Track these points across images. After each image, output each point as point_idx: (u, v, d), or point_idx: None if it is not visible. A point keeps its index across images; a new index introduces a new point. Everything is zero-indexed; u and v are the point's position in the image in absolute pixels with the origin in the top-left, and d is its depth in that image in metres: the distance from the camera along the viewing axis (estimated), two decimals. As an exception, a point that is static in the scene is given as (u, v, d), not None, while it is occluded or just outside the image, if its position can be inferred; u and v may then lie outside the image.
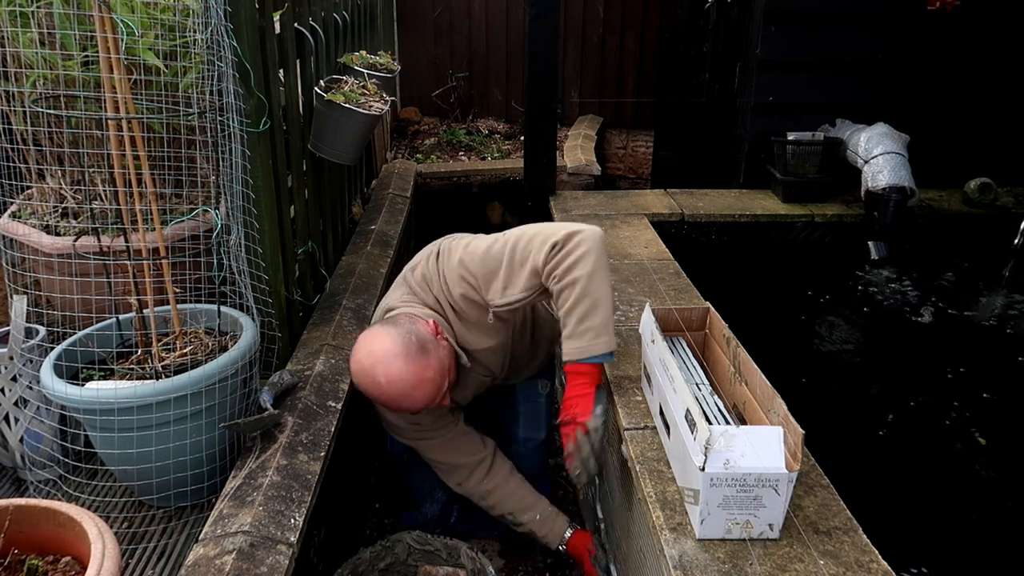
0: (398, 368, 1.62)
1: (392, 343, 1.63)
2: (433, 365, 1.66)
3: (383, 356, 1.63)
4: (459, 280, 1.79)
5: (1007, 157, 3.47)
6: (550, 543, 2.00)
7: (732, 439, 1.21)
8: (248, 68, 1.75)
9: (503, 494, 2.01)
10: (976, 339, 2.69)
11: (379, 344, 1.65)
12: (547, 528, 2.00)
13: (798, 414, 1.25)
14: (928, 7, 3.25)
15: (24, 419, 1.77)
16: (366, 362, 1.65)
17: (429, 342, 1.68)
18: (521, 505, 2.01)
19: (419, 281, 1.87)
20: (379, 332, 1.68)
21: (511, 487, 2.02)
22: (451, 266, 1.81)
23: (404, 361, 1.62)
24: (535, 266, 1.67)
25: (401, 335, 1.65)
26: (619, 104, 5.47)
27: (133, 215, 1.67)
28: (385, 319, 1.79)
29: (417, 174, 4.28)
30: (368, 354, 1.65)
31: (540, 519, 2.00)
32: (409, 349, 1.63)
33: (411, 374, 1.63)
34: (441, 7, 5.35)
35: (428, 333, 1.70)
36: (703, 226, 3.26)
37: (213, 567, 1.32)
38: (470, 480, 1.99)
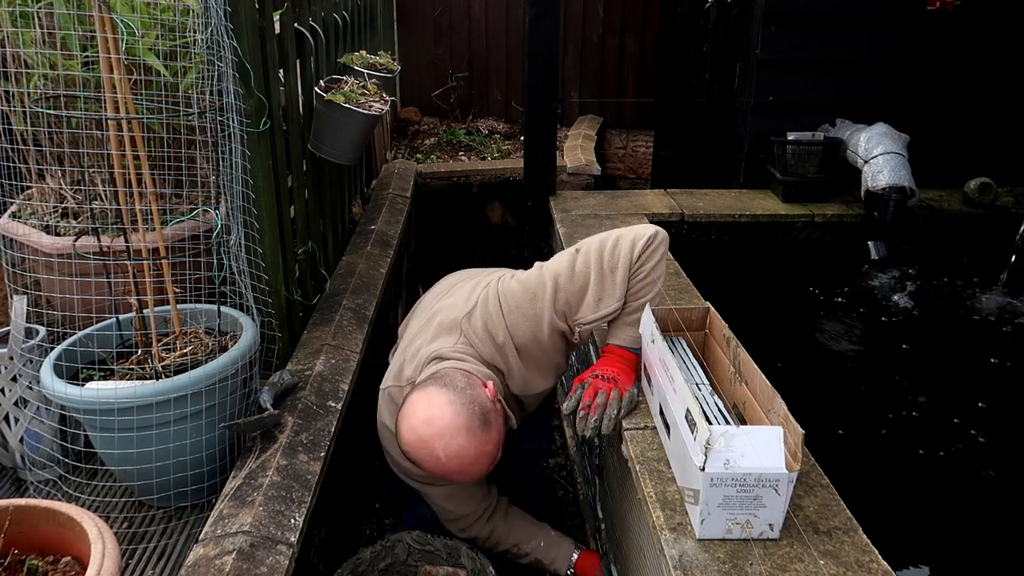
0: (460, 444, 1.49)
1: (455, 414, 1.49)
2: (494, 438, 1.54)
3: (445, 429, 1.49)
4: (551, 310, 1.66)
5: (1007, 157, 3.47)
6: (559, 568, 1.95)
7: (732, 439, 1.21)
8: (248, 68, 1.75)
9: (503, 530, 1.97)
10: (976, 339, 2.69)
11: (439, 412, 1.50)
12: (553, 553, 1.96)
13: (798, 414, 1.25)
14: (928, 7, 3.25)
15: (24, 419, 1.77)
16: (423, 432, 1.50)
17: (491, 412, 1.55)
18: (524, 535, 1.97)
19: (479, 331, 1.70)
20: (438, 397, 1.52)
21: (511, 521, 1.98)
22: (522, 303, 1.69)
23: (467, 436, 1.49)
24: (628, 264, 1.64)
25: (465, 404, 1.51)
26: (619, 104, 5.47)
27: (133, 215, 1.67)
28: (437, 375, 1.61)
29: (417, 174, 4.28)
30: (426, 423, 1.50)
31: (545, 545, 1.95)
32: (472, 422, 1.50)
33: (474, 449, 1.50)
34: (441, 7, 5.35)
35: (488, 400, 1.57)
36: (703, 226, 3.26)
37: (213, 567, 1.32)
38: (474, 527, 1.95)
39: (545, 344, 1.71)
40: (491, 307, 1.71)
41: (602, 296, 1.66)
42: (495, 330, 1.70)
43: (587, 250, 1.69)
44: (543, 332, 1.69)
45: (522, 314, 1.69)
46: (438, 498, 1.92)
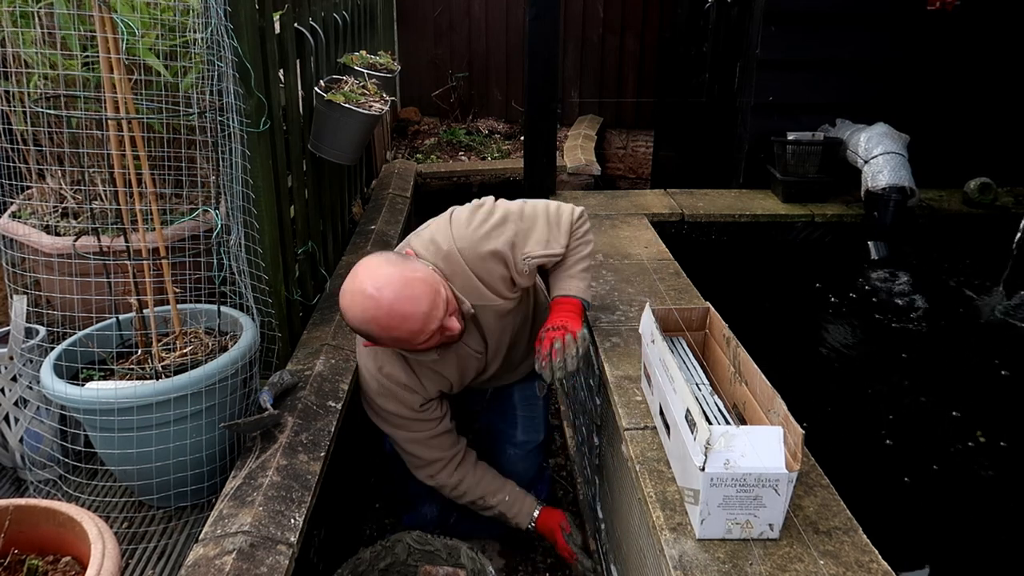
0: (386, 272, 1.57)
1: (378, 256, 1.64)
2: (419, 269, 1.61)
3: (369, 268, 1.59)
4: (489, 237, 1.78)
5: (1007, 157, 3.47)
6: (520, 523, 2.02)
7: (732, 439, 1.21)
8: (248, 68, 1.75)
9: (471, 482, 2.02)
10: (976, 339, 2.69)
11: (366, 261, 1.63)
12: (516, 508, 2.02)
13: (798, 414, 1.25)
14: (928, 7, 3.25)
15: (24, 419, 1.77)
16: (356, 278, 1.59)
17: (416, 259, 1.68)
18: (490, 489, 2.03)
19: (425, 243, 1.80)
20: (371, 256, 1.66)
21: (478, 474, 2.04)
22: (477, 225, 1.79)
23: (391, 267, 1.59)
24: (570, 222, 1.88)
25: (378, 255, 1.65)
26: (619, 104, 5.47)
27: (133, 215, 1.67)
28: None
29: (417, 174, 4.28)
30: (354, 274, 1.61)
31: (509, 499, 2.02)
32: (390, 258, 1.63)
33: (398, 275, 1.57)
34: (441, 7, 5.35)
35: (407, 253, 1.72)
36: (703, 226, 3.26)
37: (213, 567, 1.32)
38: (442, 473, 2.00)
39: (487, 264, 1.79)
40: (440, 223, 1.84)
41: (550, 239, 1.84)
42: (440, 240, 1.79)
43: (534, 204, 1.91)
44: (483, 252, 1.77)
45: (465, 233, 1.79)
46: (410, 445, 1.96)
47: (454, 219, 1.83)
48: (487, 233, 1.78)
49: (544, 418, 2.28)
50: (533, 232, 1.84)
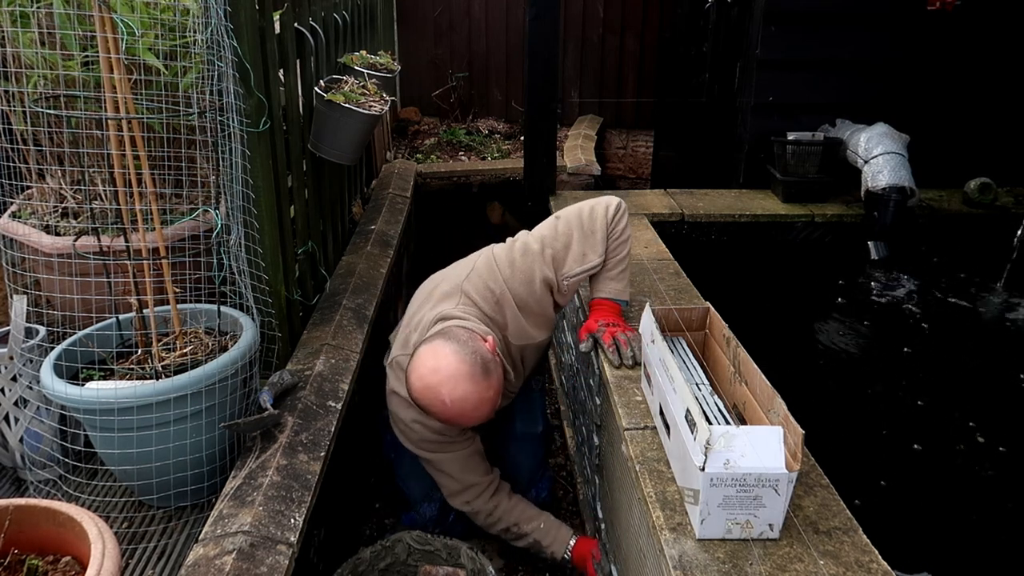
0: (464, 389, 1.62)
1: (459, 363, 1.62)
2: (494, 385, 1.67)
3: (450, 376, 1.62)
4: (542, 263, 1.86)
5: (1007, 157, 3.47)
6: (556, 552, 1.99)
7: (732, 439, 1.21)
8: (248, 68, 1.75)
9: (506, 507, 2.01)
10: (976, 339, 2.69)
11: (445, 362, 1.63)
12: (552, 536, 2.00)
13: (798, 414, 1.25)
14: (928, 7, 3.25)
15: (24, 419, 1.77)
16: (431, 379, 1.63)
17: (491, 362, 1.68)
18: (525, 516, 2.02)
19: (479, 288, 1.86)
20: (443, 348, 1.65)
21: (513, 502, 2.04)
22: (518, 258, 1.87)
23: (470, 382, 1.62)
24: (605, 225, 1.89)
25: (468, 355, 1.64)
26: (619, 104, 5.47)
27: (133, 215, 1.67)
28: (442, 331, 1.74)
29: (417, 174, 4.28)
30: (433, 371, 1.63)
31: (544, 527, 2.01)
32: (475, 370, 1.63)
33: (476, 395, 1.63)
34: (441, 7, 5.35)
35: (488, 351, 1.70)
36: (703, 226, 3.26)
37: (213, 567, 1.32)
38: (478, 499, 1.99)
39: (537, 294, 1.88)
40: (487, 267, 1.90)
41: (586, 251, 1.89)
42: (493, 285, 1.86)
43: (567, 216, 1.93)
44: (535, 282, 1.86)
45: (515, 268, 1.87)
46: (444, 466, 1.98)
47: (498, 261, 1.90)
48: (532, 263, 1.86)
49: (541, 411, 2.29)
50: (569, 250, 1.88)
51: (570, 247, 1.88)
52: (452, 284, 1.91)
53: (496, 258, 1.91)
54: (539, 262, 1.87)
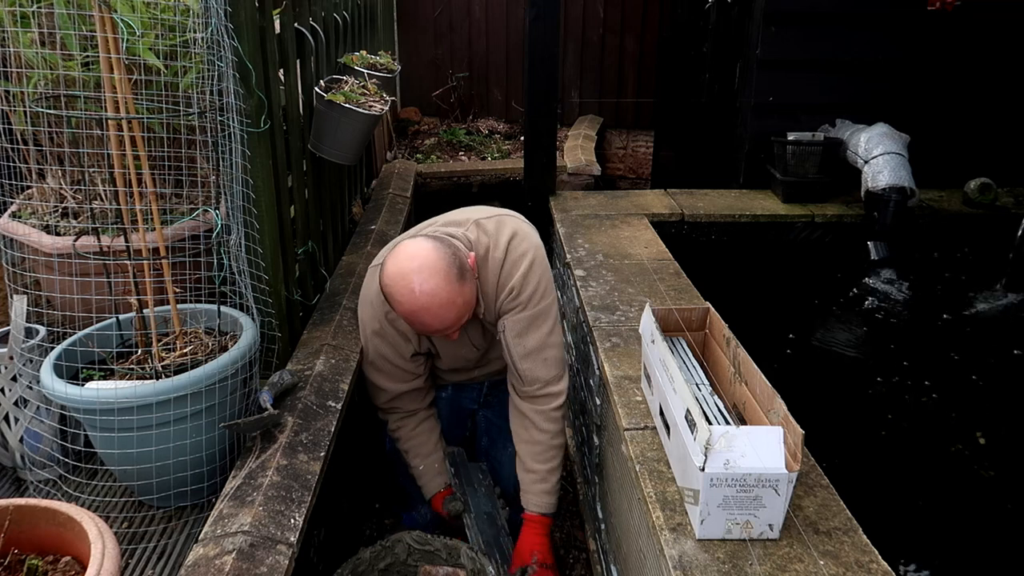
0: (435, 282, 1.64)
1: (438, 257, 1.65)
2: (465, 293, 1.69)
3: (424, 266, 1.64)
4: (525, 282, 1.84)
5: (1007, 157, 3.47)
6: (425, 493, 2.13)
7: (732, 439, 1.21)
8: (249, 68, 1.75)
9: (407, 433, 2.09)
10: (976, 339, 2.69)
11: (424, 253, 1.65)
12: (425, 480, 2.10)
13: (798, 414, 1.25)
14: (928, 7, 3.25)
15: (24, 419, 1.77)
16: (406, 265, 1.65)
17: (468, 272, 1.71)
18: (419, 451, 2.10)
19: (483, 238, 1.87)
20: (426, 243, 1.68)
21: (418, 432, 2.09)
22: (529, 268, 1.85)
23: (443, 278, 1.64)
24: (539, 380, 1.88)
25: (447, 254, 1.67)
26: (619, 104, 5.47)
27: (133, 215, 1.67)
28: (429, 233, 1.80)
29: (417, 174, 4.28)
30: (410, 258, 1.66)
31: (423, 468, 2.10)
32: (451, 270, 1.65)
33: (445, 292, 1.65)
34: (441, 7, 5.35)
35: (468, 262, 1.73)
36: (703, 226, 3.26)
37: (213, 567, 1.32)
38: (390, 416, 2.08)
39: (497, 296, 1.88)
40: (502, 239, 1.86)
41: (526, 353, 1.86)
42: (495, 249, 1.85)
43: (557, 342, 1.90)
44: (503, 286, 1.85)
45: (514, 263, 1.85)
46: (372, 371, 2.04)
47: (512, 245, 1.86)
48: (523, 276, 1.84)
49: None
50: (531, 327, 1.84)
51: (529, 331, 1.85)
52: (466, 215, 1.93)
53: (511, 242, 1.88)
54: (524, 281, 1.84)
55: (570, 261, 2.63)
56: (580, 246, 2.77)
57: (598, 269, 2.51)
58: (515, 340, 1.85)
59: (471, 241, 1.87)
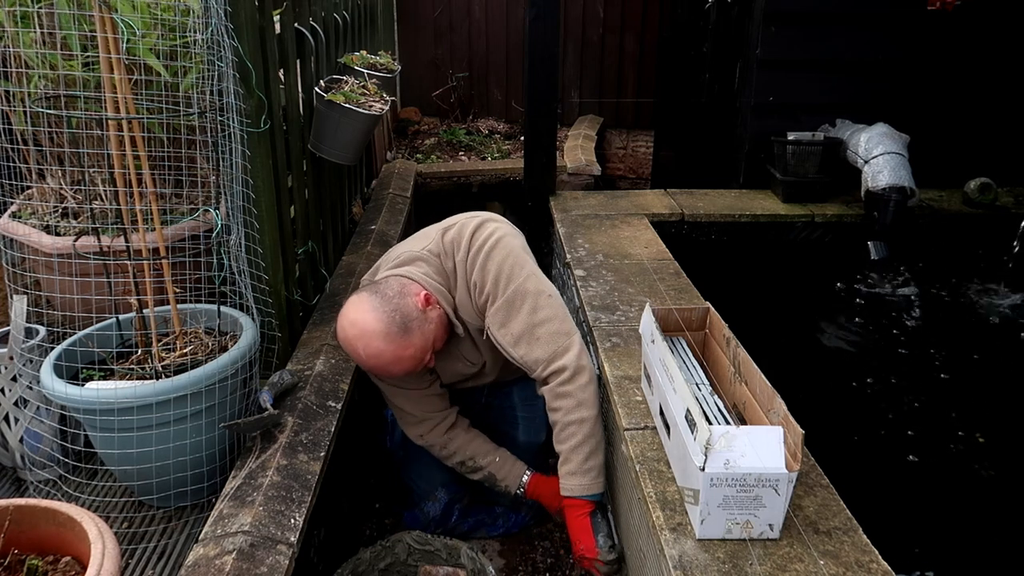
0: (377, 346, 1.71)
1: (375, 321, 1.70)
2: (415, 343, 1.73)
3: (363, 332, 1.71)
4: (484, 273, 1.81)
5: (1007, 157, 3.47)
6: (509, 486, 2.03)
7: (732, 439, 1.21)
8: (249, 68, 1.75)
9: (463, 441, 2.05)
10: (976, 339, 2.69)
11: (362, 319, 1.71)
12: (506, 471, 2.03)
13: (798, 414, 1.25)
14: (928, 7, 3.25)
15: (24, 419, 1.77)
16: (349, 332, 1.74)
17: (414, 320, 1.73)
18: (481, 451, 2.05)
19: (448, 244, 1.88)
20: (365, 305, 1.73)
21: (470, 436, 2.07)
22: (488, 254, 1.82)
23: (384, 340, 1.70)
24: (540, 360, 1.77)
25: (387, 312, 1.70)
26: (619, 104, 5.47)
27: (133, 215, 1.67)
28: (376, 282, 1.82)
29: (417, 174, 4.28)
30: (351, 324, 1.73)
31: (499, 461, 2.04)
32: (390, 329, 1.70)
33: (390, 352, 1.71)
34: (441, 7, 5.35)
35: (415, 308, 1.74)
36: (703, 226, 3.26)
37: (213, 567, 1.32)
38: (432, 433, 2.04)
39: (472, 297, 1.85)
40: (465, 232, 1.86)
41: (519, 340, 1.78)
42: (457, 249, 1.86)
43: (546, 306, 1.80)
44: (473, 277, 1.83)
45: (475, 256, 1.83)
46: (399, 400, 2.03)
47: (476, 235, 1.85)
48: (482, 267, 1.81)
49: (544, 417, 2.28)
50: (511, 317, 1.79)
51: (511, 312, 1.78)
52: (437, 227, 1.95)
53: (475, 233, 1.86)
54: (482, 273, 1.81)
55: (570, 261, 2.63)
56: (580, 246, 2.77)
57: (598, 269, 2.51)
58: (500, 332, 1.81)
59: (447, 270, 1.86)
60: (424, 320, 1.75)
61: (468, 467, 2.06)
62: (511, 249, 1.84)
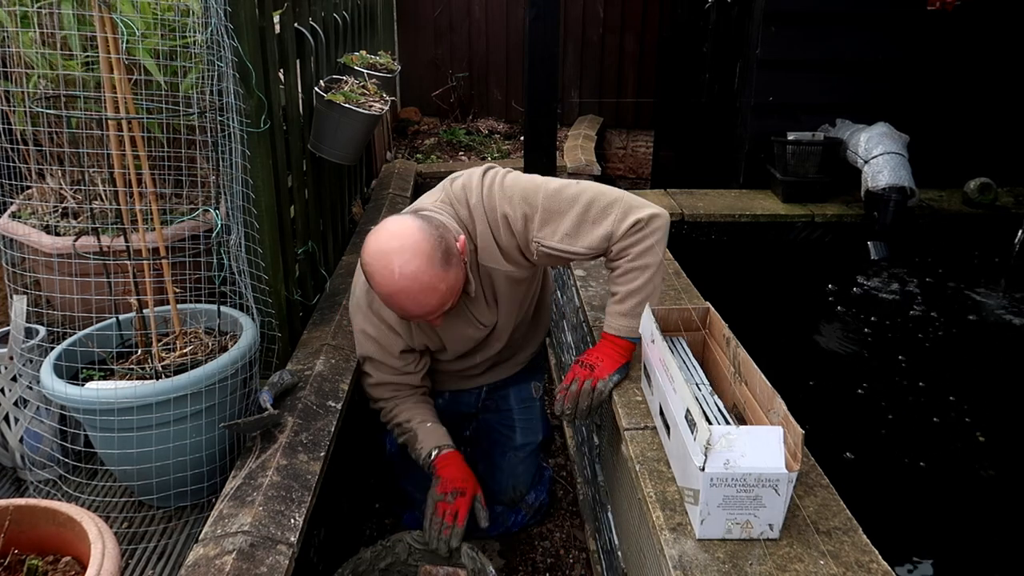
0: (417, 265, 1.53)
1: (422, 238, 1.54)
2: (449, 279, 1.57)
3: (406, 247, 1.53)
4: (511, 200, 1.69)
5: (1007, 157, 3.47)
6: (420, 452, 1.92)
7: (732, 439, 1.21)
8: (249, 68, 1.75)
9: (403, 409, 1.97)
10: (976, 339, 2.69)
11: (408, 234, 1.54)
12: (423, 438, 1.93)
13: (798, 414, 1.25)
14: (928, 7, 3.25)
15: (24, 419, 1.77)
16: (387, 244, 1.55)
17: (454, 256, 1.59)
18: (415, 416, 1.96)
19: (458, 191, 1.76)
20: (411, 222, 1.57)
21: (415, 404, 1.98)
22: (504, 184, 1.72)
23: (426, 260, 1.53)
24: (610, 232, 1.65)
25: (433, 236, 1.55)
26: (619, 104, 5.47)
27: (133, 215, 1.67)
28: (418, 211, 1.69)
29: (417, 174, 4.28)
30: (392, 236, 1.55)
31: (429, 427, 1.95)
32: (435, 253, 1.54)
33: (427, 276, 1.54)
34: (441, 7, 5.35)
35: (455, 245, 1.61)
36: (703, 226, 3.26)
37: (213, 567, 1.32)
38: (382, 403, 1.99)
39: (502, 230, 1.73)
40: (475, 177, 1.76)
41: (572, 234, 1.67)
42: (471, 193, 1.74)
43: (583, 189, 1.69)
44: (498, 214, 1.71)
45: (493, 192, 1.73)
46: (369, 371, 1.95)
47: (487, 179, 1.76)
48: (505, 197, 1.71)
49: (542, 418, 2.28)
50: (556, 220, 1.68)
51: (559, 217, 1.67)
52: (442, 183, 1.84)
53: (485, 174, 1.77)
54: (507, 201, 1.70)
55: (570, 261, 2.63)
56: (580, 246, 2.76)
57: (598, 269, 2.51)
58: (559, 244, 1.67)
59: (462, 219, 1.75)
60: (460, 260, 1.62)
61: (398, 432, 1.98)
62: (523, 176, 1.78)
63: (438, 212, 1.73)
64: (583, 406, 1.70)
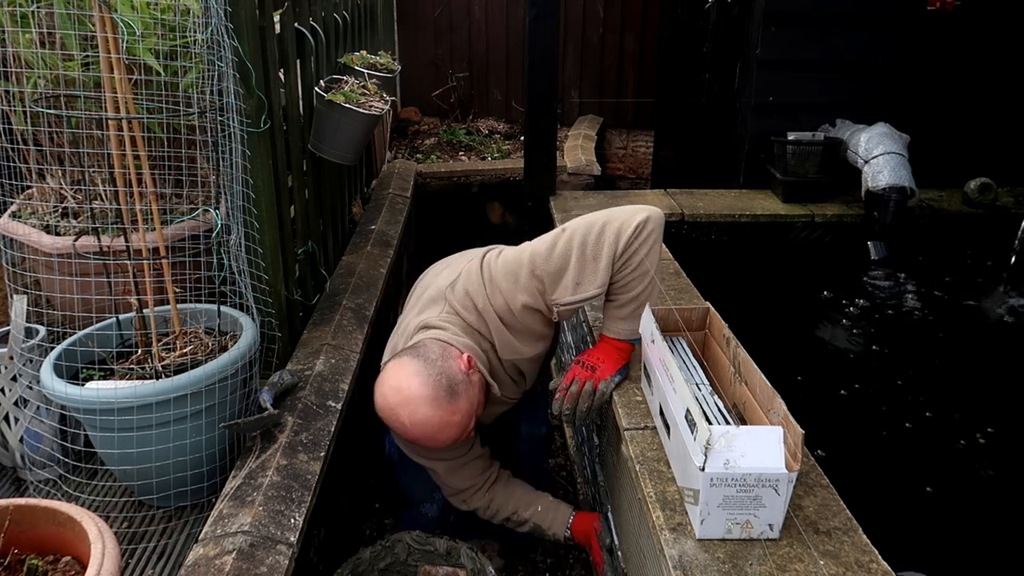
0: (424, 413, 1.58)
1: (421, 385, 1.58)
2: (461, 408, 1.61)
3: (409, 398, 1.58)
4: (524, 288, 1.70)
5: (1007, 157, 3.47)
6: (556, 531, 1.95)
7: (732, 439, 1.21)
8: (249, 68, 1.75)
9: (504, 498, 1.98)
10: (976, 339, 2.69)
11: (407, 383, 1.59)
12: (550, 519, 1.96)
13: (798, 414, 1.25)
14: (928, 7, 3.25)
15: (24, 419, 1.77)
16: (392, 399, 1.61)
17: (460, 383, 1.62)
18: (523, 502, 1.98)
19: (461, 298, 1.76)
20: (408, 368, 1.61)
21: (511, 489, 2.00)
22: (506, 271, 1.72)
23: (431, 406, 1.57)
24: (612, 255, 1.64)
25: (431, 377, 1.59)
26: (619, 104, 5.47)
27: (133, 215, 1.67)
28: (415, 346, 1.69)
29: (417, 174, 4.28)
30: (395, 391, 1.60)
31: (542, 511, 1.97)
32: (438, 393, 1.58)
33: (438, 419, 1.59)
34: (441, 7, 5.35)
35: (460, 371, 1.64)
36: (703, 226, 3.26)
37: (213, 567, 1.32)
38: (474, 498, 1.97)
39: (518, 317, 1.73)
40: (473, 276, 1.76)
41: (581, 281, 1.66)
42: (476, 297, 1.74)
43: (571, 233, 1.68)
44: (515, 307, 1.72)
45: (497, 287, 1.73)
46: (441, 474, 1.95)
47: (483, 273, 1.76)
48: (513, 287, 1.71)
49: (544, 413, 2.29)
50: (562, 277, 1.67)
51: (563, 273, 1.67)
52: (438, 289, 1.82)
53: (485, 268, 1.77)
54: (518, 289, 1.70)
55: (570, 261, 2.63)
56: (580, 246, 2.76)
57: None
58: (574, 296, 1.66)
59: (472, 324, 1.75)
60: (468, 384, 1.64)
61: (513, 522, 1.99)
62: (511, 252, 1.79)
63: (444, 326, 1.74)
64: (583, 407, 1.71)
